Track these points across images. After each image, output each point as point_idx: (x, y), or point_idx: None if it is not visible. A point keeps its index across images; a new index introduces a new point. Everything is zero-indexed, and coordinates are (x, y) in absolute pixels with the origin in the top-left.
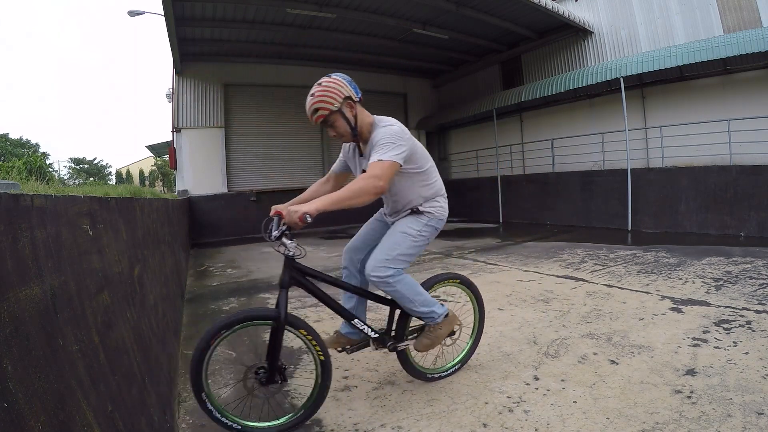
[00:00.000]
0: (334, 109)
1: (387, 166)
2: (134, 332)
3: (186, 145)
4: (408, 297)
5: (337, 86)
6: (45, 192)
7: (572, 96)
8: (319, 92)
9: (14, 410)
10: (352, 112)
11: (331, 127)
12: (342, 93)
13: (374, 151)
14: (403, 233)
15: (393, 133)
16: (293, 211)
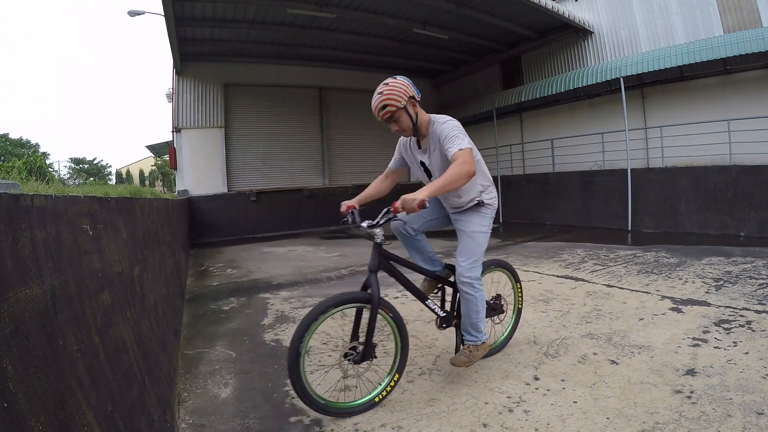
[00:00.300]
0: (401, 106)
1: (467, 153)
2: (134, 332)
3: (186, 145)
4: (477, 308)
5: (403, 87)
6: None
7: (572, 96)
8: (387, 91)
9: (14, 410)
10: (414, 110)
11: (395, 123)
12: (407, 93)
13: (447, 143)
14: (477, 233)
15: (456, 126)
16: (411, 199)
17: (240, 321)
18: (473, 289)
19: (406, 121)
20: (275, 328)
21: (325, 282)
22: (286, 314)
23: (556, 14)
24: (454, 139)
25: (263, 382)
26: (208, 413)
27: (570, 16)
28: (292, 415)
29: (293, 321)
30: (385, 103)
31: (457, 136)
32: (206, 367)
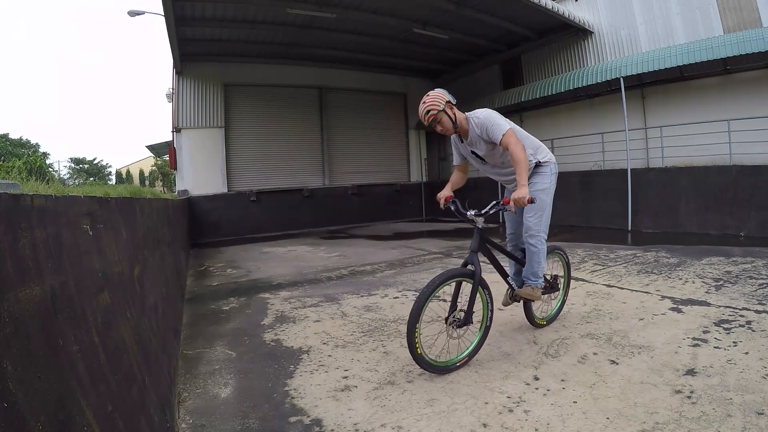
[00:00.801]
0: (440, 109)
1: (511, 134)
2: (134, 332)
3: (186, 145)
4: (540, 259)
5: (441, 94)
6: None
7: (572, 96)
8: (429, 100)
9: (14, 410)
10: (452, 111)
11: (438, 123)
12: (444, 98)
13: (490, 133)
14: (539, 191)
15: (490, 115)
16: (521, 197)
17: (240, 321)
18: (539, 242)
19: (447, 121)
20: (275, 328)
21: (325, 282)
22: (286, 314)
23: (556, 14)
24: (494, 128)
25: (263, 382)
26: (208, 413)
27: (570, 16)
28: (292, 415)
29: (293, 321)
30: (428, 109)
31: (494, 124)
32: (206, 367)
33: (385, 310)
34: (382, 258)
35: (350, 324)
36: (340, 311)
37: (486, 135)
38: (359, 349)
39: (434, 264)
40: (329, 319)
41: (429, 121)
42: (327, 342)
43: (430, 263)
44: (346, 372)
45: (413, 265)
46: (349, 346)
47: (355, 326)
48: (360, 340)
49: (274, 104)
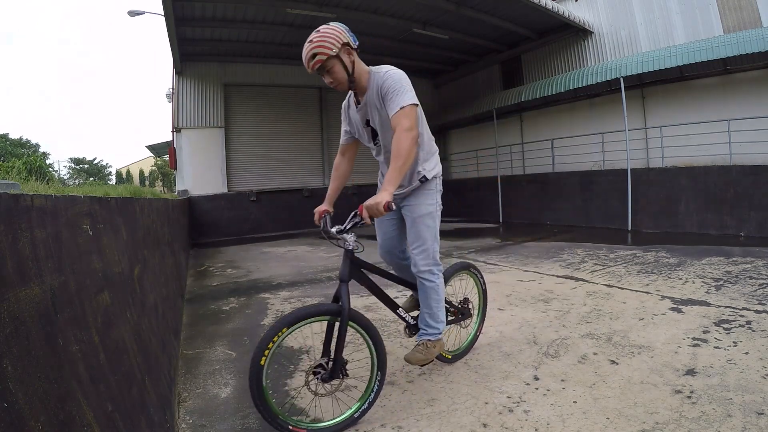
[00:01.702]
0: (332, 54)
1: (410, 111)
2: (134, 332)
3: (186, 145)
4: (438, 296)
5: (336, 32)
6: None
7: (572, 96)
8: (318, 38)
9: (14, 410)
10: (350, 59)
11: (328, 74)
12: (340, 39)
13: (387, 100)
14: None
15: (400, 78)
16: (374, 204)
17: (240, 321)
18: (432, 275)
19: (340, 71)
20: None
21: (324, 282)
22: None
23: (556, 14)
24: (396, 94)
25: None
26: (208, 413)
27: (570, 16)
28: (292, 415)
29: None
30: (315, 52)
31: (398, 89)
32: (206, 367)
33: (385, 309)
34: None
35: None
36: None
37: (382, 100)
38: (359, 349)
39: None
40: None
41: (314, 69)
42: None
43: None
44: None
45: None
46: (348, 346)
47: None
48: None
49: (274, 104)
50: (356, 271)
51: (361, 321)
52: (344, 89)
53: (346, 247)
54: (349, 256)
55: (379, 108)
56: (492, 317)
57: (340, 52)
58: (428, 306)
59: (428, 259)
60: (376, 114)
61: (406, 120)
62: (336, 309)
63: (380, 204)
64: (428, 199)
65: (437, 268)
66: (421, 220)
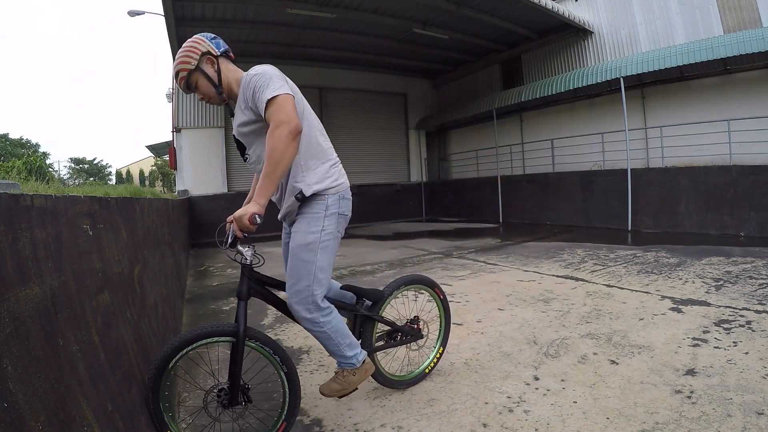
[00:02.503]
0: (192, 68)
1: (282, 100)
2: (134, 332)
3: (186, 145)
4: (335, 341)
5: (194, 44)
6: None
7: (572, 96)
8: (179, 55)
9: (14, 410)
10: (213, 68)
11: (196, 90)
12: (198, 49)
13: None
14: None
15: (265, 71)
16: (241, 216)
17: None
18: (313, 324)
19: (204, 84)
20: (275, 328)
21: None
22: None
23: (556, 14)
24: (260, 88)
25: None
26: None
27: (570, 16)
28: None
29: (293, 321)
30: (177, 69)
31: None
32: (206, 367)
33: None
34: (382, 258)
35: None
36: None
37: (252, 100)
38: None
39: (434, 264)
40: None
41: (181, 86)
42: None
43: (430, 263)
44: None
45: (413, 265)
46: None
47: None
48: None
49: None
50: (257, 287)
51: (262, 339)
52: (217, 103)
53: (243, 262)
54: (246, 271)
55: (244, 110)
56: (492, 317)
57: (201, 63)
58: (328, 348)
59: (303, 303)
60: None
61: (278, 112)
62: (232, 329)
63: (245, 216)
64: (309, 225)
65: (319, 313)
66: (296, 252)
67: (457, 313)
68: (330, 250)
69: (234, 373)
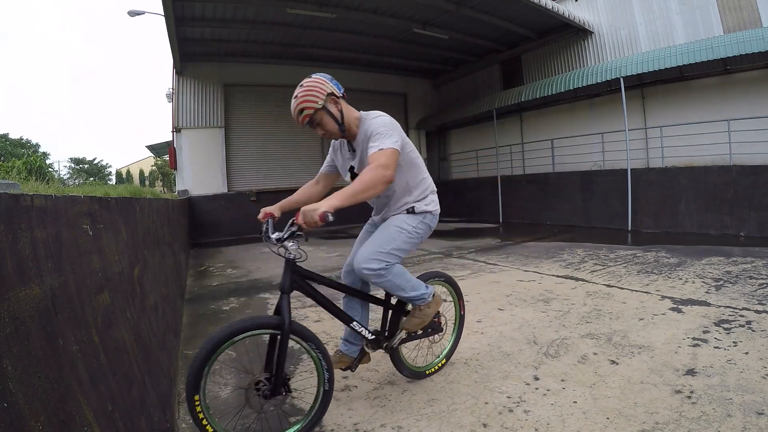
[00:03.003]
0: (319, 107)
1: (389, 154)
2: (134, 332)
3: (186, 145)
4: (399, 285)
5: (319, 84)
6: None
7: (572, 96)
8: (302, 93)
9: (14, 410)
10: (337, 108)
11: (318, 126)
12: (324, 90)
13: (371, 141)
14: (398, 228)
15: (384, 123)
16: (311, 210)
17: None
18: (380, 277)
19: (329, 122)
20: None
21: None
22: None
23: (556, 14)
24: (379, 137)
25: None
26: None
27: (570, 16)
28: (292, 415)
29: None
30: (302, 107)
31: (383, 134)
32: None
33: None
34: None
35: None
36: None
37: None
38: None
39: (434, 264)
40: (329, 319)
41: (303, 123)
42: (327, 342)
43: (430, 263)
44: (346, 372)
45: (413, 265)
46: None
47: None
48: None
49: (274, 104)
50: (299, 281)
51: (304, 334)
52: (337, 138)
53: (287, 256)
54: (290, 266)
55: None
56: (492, 317)
57: (326, 103)
58: (399, 290)
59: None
60: (364, 159)
61: (384, 158)
62: (276, 322)
63: (317, 212)
64: (410, 220)
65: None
66: (395, 228)
67: None
68: (410, 244)
69: (279, 364)
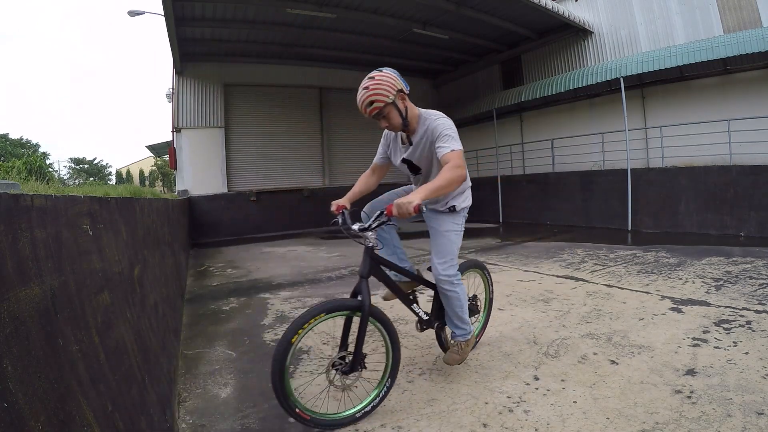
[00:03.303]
0: (389, 101)
1: (460, 155)
2: (134, 332)
3: (186, 145)
4: (461, 302)
5: (391, 79)
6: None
7: (572, 96)
8: (374, 86)
9: (14, 410)
10: (403, 104)
11: (384, 119)
12: (395, 86)
13: (440, 141)
14: (450, 232)
15: (449, 125)
16: (406, 203)
17: (240, 321)
18: (453, 286)
19: (395, 116)
20: (275, 328)
21: (325, 282)
22: (286, 314)
23: (556, 14)
24: (448, 138)
25: (263, 382)
26: (208, 413)
27: (570, 16)
28: None
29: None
30: (372, 99)
31: (451, 136)
32: (206, 367)
33: (385, 310)
34: None
35: None
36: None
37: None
38: None
39: None
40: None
41: (371, 114)
42: (327, 342)
43: None
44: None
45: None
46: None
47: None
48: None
49: (274, 104)
50: (376, 267)
51: (380, 318)
52: (397, 131)
53: (367, 244)
54: (370, 253)
55: (426, 148)
56: (492, 317)
57: (395, 98)
58: (454, 312)
59: (450, 270)
60: (424, 152)
61: (458, 159)
62: (357, 304)
63: (412, 204)
64: (455, 219)
65: (457, 279)
66: (447, 234)
67: None
68: (460, 238)
69: (359, 343)
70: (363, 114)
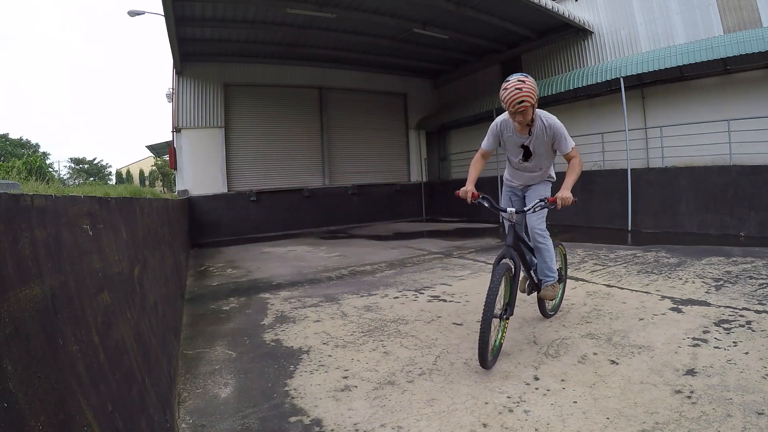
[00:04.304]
0: (534, 103)
1: (577, 150)
2: (134, 332)
3: (186, 145)
4: (551, 254)
5: (535, 87)
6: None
7: (572, 96)
8: (526, 89)
9: (14, 410)
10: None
11: (520, 114)
12: (536, 92)
13: (563, 140)
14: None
15: (563, 126)
16: (566, 198)
17: (240, 321)
18: (544, 239)
19: (530, 114)
20: (275, 328)
21: (325, 282)
22: (285, 314)
23: (556, 14)
24: (568, 138)
25: (263, 382)
26: (208, 413)
27: (570, 16)
28: (292, 415)
29: (293, 321)
30: (523, 99)
31: (567, 135)
32: (206, 367)
33: (385, 310)
34: (382, 258)
35: (350, 324)
36: (340, 311)
37: (554, 139)
38: (359, 349)
39: (434, 264)
40: (329, 319)
41: (516, 109)
42: (327, 342)
43: (430, 263)
44: (346, 372)
45: (413, 265)
46: (349, 346)
47: (355, 326)
48: (360, 340)
49: (274, 104)
50: (516, 240)
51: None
52: (524, 125)
53: (511, 220)
54: (513, 227)
55: (543, 141)
56: None
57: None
58: (545, 261)
59: (542, 225)
60: (539, 143)
61: (578, 156)
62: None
63: (569, 198)
64: (547, 187)
65: (546, 233)
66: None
67: (457, 313)
68: None
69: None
70: (506, 106)
